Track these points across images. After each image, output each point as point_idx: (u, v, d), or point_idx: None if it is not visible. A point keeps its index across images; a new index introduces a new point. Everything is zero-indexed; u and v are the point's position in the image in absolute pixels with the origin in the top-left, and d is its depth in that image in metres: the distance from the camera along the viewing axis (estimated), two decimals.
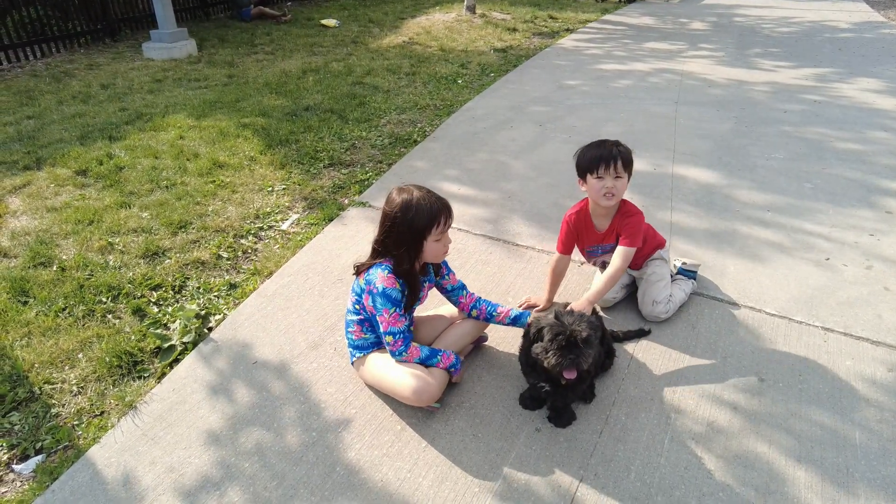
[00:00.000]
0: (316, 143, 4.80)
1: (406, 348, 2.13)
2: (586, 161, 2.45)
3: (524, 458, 2.03)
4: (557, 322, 1.91)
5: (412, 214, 2.05)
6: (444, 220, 2.10)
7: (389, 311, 2.08)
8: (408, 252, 2.09)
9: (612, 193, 2.44)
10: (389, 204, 2.10)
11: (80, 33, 8.36)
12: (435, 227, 2.08)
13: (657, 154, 4.45)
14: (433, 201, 2.08)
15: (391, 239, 2.09)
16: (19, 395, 2.37)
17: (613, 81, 6.53)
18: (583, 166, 2.47)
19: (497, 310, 2.34)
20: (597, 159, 2.42)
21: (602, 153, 2.40)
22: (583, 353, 1.88)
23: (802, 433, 2.12)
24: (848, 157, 4.38)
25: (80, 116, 5.49)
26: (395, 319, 2.09)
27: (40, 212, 3.71)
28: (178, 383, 2.39)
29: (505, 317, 2.34)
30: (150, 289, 3.01)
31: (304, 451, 2.07)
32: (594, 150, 2.42)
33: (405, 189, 2.10)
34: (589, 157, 2.44)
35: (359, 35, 9.26)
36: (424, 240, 2.09)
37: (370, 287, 2.10)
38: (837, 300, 2.81)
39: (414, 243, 2.09)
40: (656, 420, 2.19)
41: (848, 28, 9.68)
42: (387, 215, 2.10)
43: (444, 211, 2.10)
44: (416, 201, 2.05)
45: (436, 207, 2.07)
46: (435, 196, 2.12)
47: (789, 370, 2.40)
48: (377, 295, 2.08)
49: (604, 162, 2.40)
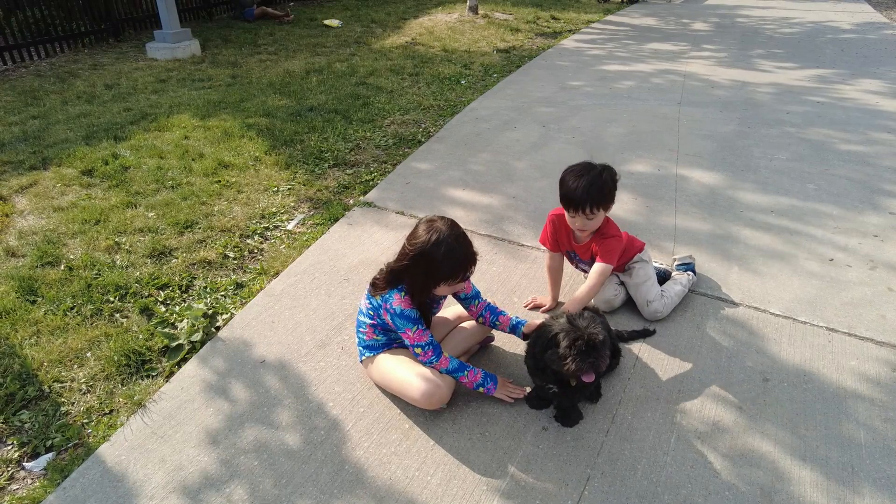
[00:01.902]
0: (320, 143, 4.82)
1: (437, 358, 2.13)
2: (561, 193, 2.42)
3: (532, 457, 2.05)
4: (572, 327, 1.92)
5: (434, 262, 1.98)
6: (465, 274, 2.05)
7: (412, 329, 2.08)
8: (421, 290, 2.09)
9: (583, 230, 2.48)
10: (413, 240, 2.03)
11: (84, 33, 8.38)
12: (453, 279, 2.04)
13: (661, 155, 4.46)
14: (458, 253, 1.99)
15: (408, 274, 2.05)
16: (29, 393, 2.39)
17: (616, 82, 6.55)
18: (560, 197, 2.44)
19: (499, 318, 2.36)
20: (567, 201, 2.40)
21: (573, 196, 2.34)
22: (601, 356, 1.90)
23: (807, 432, 2.14)
24: (851, 158, 4.39)
25: (85, 116, 5.51)
26: (420, 335, 2.09)
27: (47, 211, 3.73)
28: (187, 382, 2.41)
29: (505, 325, 2.35)
30: (157, 288, 3.03)
31: (312, 450, 2.08)
32: (570, 183, 2.36)
33: (433, 227, 2.00)
34: (563, 192, 2.40)
35: (362, 35, 9.27)
36: (439, 284, 2.07)
37: (387, 306, 2.09)
38: (842, 301, 2.82)
39: (428, 286, 2.08)
40: (662, 419, 2.20)
41: (850, 29, 9.69)
42: (407, 253, 2.03)
43: (469, 264, 2.04)
44: (443, 249, 1.96)
45: (460, 260, 2.00)
46: (463, 243, 2.02)
47: (794, 370, 2.42)
48: (395, 316, 2.07)
49: (572, 207, 2.38)
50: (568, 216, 2.49)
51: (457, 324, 2.44)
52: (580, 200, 2.35)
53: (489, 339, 2.54)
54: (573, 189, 2.35)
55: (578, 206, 2.37)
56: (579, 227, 2.49)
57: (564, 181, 2.41)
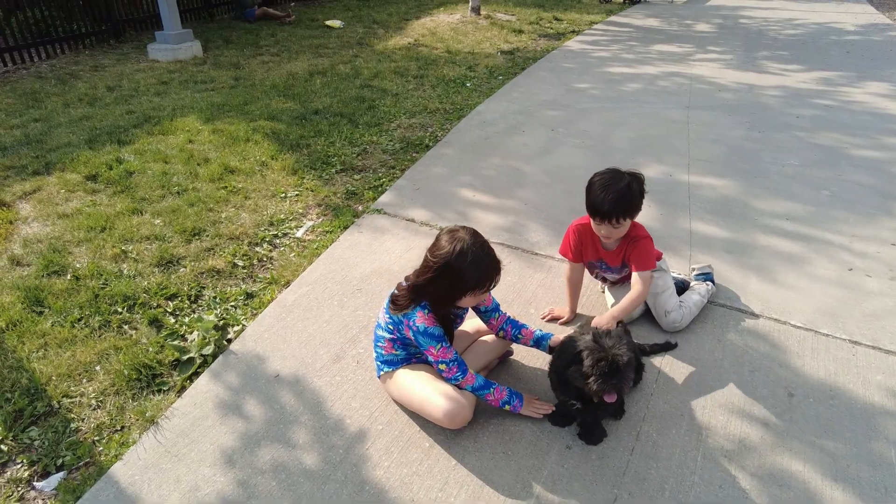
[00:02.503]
0: (327, 147, 4.76)
1: (463, 374, 2.08)
2: (588, 202, 2.39)
3: (556, 477, 2.00)
4: (597, 346, 1.87)
5: (460, 272, 1.94)
6: (491, 283, 2.01)
7: (436, 347, 2.03)
8: (446, 303, 2.05)
9: (608, 238, 2.46)
10: (436, 251, 1.98)
11: (85, 34, 8.30)
12: (479, 289, 2.00)
13: (671, 160, 4.42)
14: (484, 262, 1.95)
15: (432, 287, 2.00)
16: (38, 409, 2.33)
17: (623, 85, 6.50)
18: (586, 205, 2.41)
19: (522, 332, 2.30)
20: (593, 210, 2.37)
21: (600, 206, 2.31)
22: (624, 378, 1.85)
23: (836, 451, 2.10)
24: (863, 163, 4.35)
25: (88, 119, 5.44)
26: (444, 352, 2.05)
27: (51, 218, 3.67)
28: (200, 398, 2.35)
29: (528, 339, 2.30)
30: (165, 298, 2.97)
31: (331, 470, 2.03)
32: (598, 193, 2.32)
33: (456, 237, 1.96)
34: (590, 201, 2.37)
35: (364, 36, 9.21)
36: (465, 295, 2.02)
37: (409, 323, 2.04)
38: (863, 312, 2.78)
39: (453, 298, 2.03)
40: (687, 436, 2.16)
41: (854, 30, 9.67)
42: (431, 265, 1.97)
43: (494, 272, 2.00)
44: (469, 259, 1.92)
45: (486, 269, 1.96)
46: (487, 251, 1.99)
47: (819, 385, 2.38)
48: (419, 334, 2.03)
49: (599, 216, 2.36)
50: (594, 224, 2.46)
51: (476, 337, 2.40)
52: (608, 211, 2.32)
53: (508, 352, 2.49)
54: (601, 199, 2.31)
55: (605, 216, 2.34)
56: (605, 235, 2.47)
57: (592, 190, 2.37)
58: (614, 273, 2.68)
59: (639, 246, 2.48)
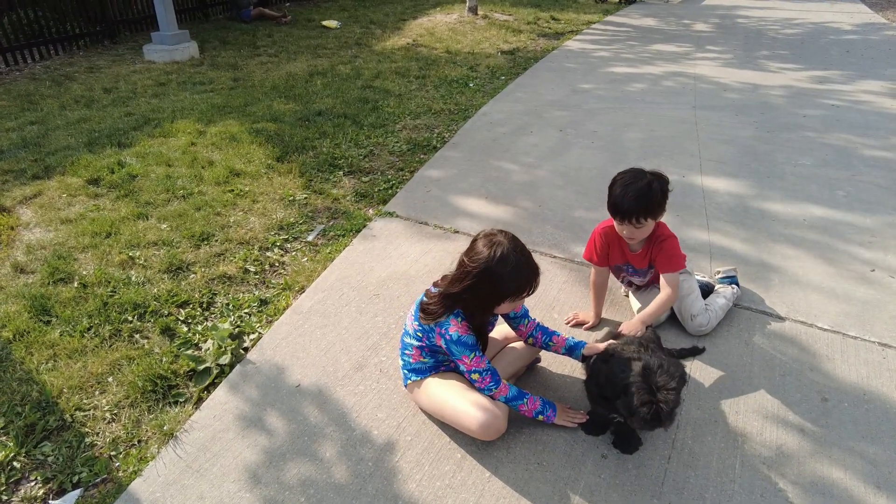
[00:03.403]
0: (333, 149, 4.68)
1: (496, 385, 2.01)
2: (609, 201, 2.35)
3: (594, 488, 1.94)
4: (645, 385, 1.78)
5: (500, 277, 1.88)
6: (530, 289, 1.95)
7: (469, 356, 1.97)
8: (484, 310, 1.98)
9: (631, 238, 2.42)
10: (474, 256, 1.90)
11: (79, 35, 8.16)
12: (518, 295, 1.94)
13: (683, 161, 4.38)
14: (524, 267, 1.90)
15: (469, 294, 1.92)
16: (50, 423, 2.24)
17: (627, 85, 6.46)
18: (607, 204, 2.37)
19: (553, 339, 2.23)
20: (614, 209, 2.34)
21: (620, 205, 2.28)
22: (670, 419, 1.78)
23: (877, 457, 2.05)
24: (877, 163, 4.33)
25: (86, 122, 5.33)
26: (477, 362, 1.98)
27: (54, 224, 3.57)
28: (219, 409, 2.28)
29: (560, 347, 2.22)
30: (176, 306, 2.89)
31: (361, 484, 1.96)
32: (618, 192, 2.29)
33: (494, 241, 1.90)
34: (611, 201, 2.34)
35: (361, 37, 9.13)
36: (503, 302, 1.96)
37: (441, 331, 1.97)
38: (890, 314, 2.74)
39: (493, 305, 1.97)
40: (723, 444, 2.11)
41: (851, 30, 9.70)
42: (469, 271, 1.89)
43: (535, 277, 1.94)
44: (511, 264, 1.87)
45: (526, 274, 1.91)
46: (527, 255, 1.94)
47: (852, 389, 2.33)
48: (452, 343, 1.96)
49: (619, 216, 2.32)
50: (616, 224, 2.41)
51: (505, 344, 2.33)
52: (627, 211, 2.28)
53: (536, 359, 2.43)
54: (620, 198, 2.28)
55: (625, 216, 2.30)
56: (628, 237, 2.43)
57: (613, 189, 2.33)
58: (641, 276, 2.63)
59: (665, 247, 2.43)
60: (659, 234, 2.46)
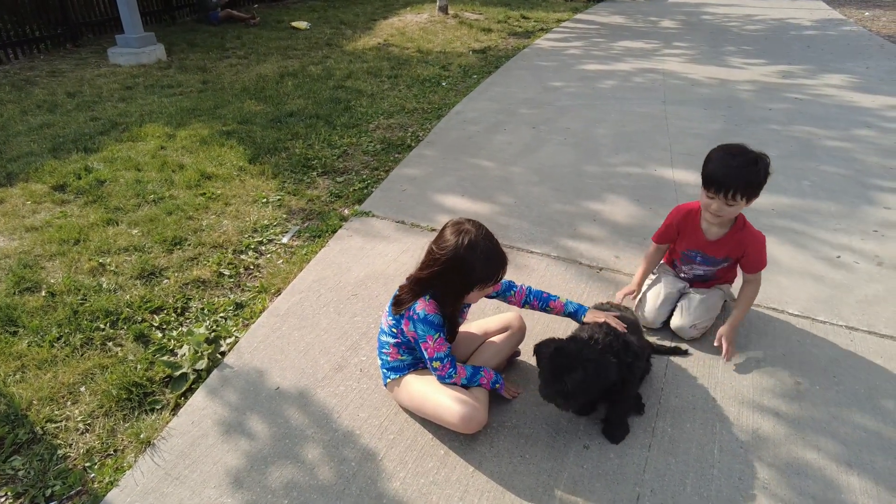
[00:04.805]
0: (306, 150, 4.64)
1: (454, 371, 2.04)
2: (705, 172, 2.23)
3: (577, 478, 1.96)
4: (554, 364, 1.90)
5: (468, 265, 1.88)
6: (500, 276, 1.95)
7: (434, 336, 1.97)
8: (454, 298, 1.98)
9: (717, 216, 2.30)
10: (442, 244, 1.92)
11: (39, 38, 7.93)
12: (487, 282, 1.94)
13: (654, 155, 4.45)
14: (493, 253, 1.90)
15: (439, 281, 1.94)
16: (20, 436, 2.17)
17: (598, 82, 6.54)
18: (703, 174, 2.25)
19: (550, 304, 2.21)
20: (711, 179, 2.20)
21: (721, 174, 2.14)
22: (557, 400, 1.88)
23: (848, 437, 2.11)
24: (839, 154, 4.46)
25: (49, 127, 5.18)
26: (440, 344, 1.99)
27: (18, 232, 3.46)
28: (197, 415, 2.23)
29: (559, 310, 2.21)
30: (150, 312, 2.83)
31: (345, 484, 1.94)
32: (720, 160, 2.16)
33: (463, 229, 1.91)
34: (710, 170, 2.20)
35: (332, 37, 9.07)
36: (472, 290, 1.96)
37: (410, 313, 1.98)
38: (856, 298, 2.83)
39: (462, 293, 1.97)
40: (702, 430, 2.15)
41: (811, 26, 9.98)
42: (438, 258, 1.91)
43: (504, 263, 1.94)
44: (479, 250, 1.87)
45: (495, 261, 1.91)
46: (495, 242, 1.94)
47: (823, 372, 2.40)
48: (419, 321, 1.96)
49: (715, 185, 2.19)
50: (705, 197, 2.25)
51: (484, 339, 2.33)
52: (725, 183, 2.13)
53: (516, 353, 2.44)
54: (724, 167, 2.14)
55: (723, 187, 2.15)
56: (714, 212, 2.26)
57: (713, 159, 2.19)
58: (709, 266, 2.53)
59: (758, 243, 2.38)
60: (748, 229, 2.39)
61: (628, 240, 3.33)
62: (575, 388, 1.87)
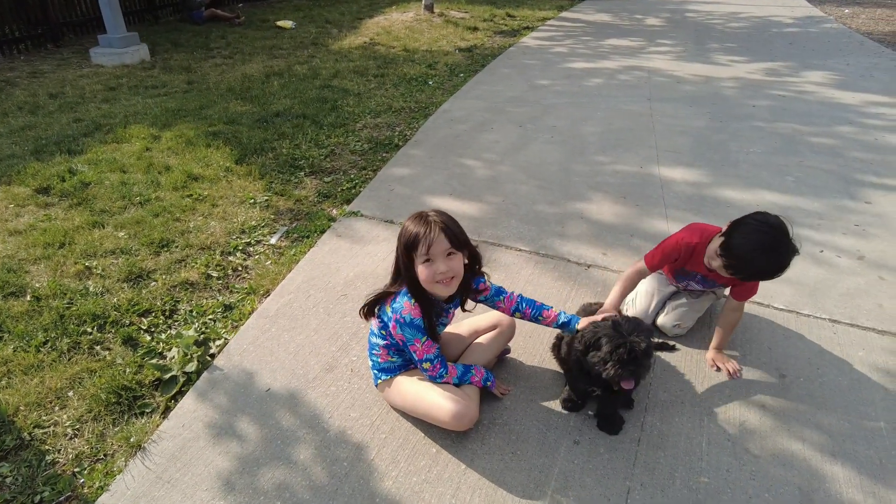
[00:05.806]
0: (293, 150, 4.62)
1: (445, 370, 2.05)
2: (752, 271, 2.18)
3: (568, 474, 1.98)
4: (616, 333, 1.87)
5: (401, 232, 1.97)
6: (423, 242, 1.88)
7: (421, 340, 1.98)
8: (408, 275, 1.97)
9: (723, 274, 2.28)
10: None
11: (19, 39, 7.81)
12: (414, 250, 1.91)
13: (641, 152, 4.48)
14: (419, 221, 1.93)
15: (401, 264, 2.01)
16: (7, 442, 2.15)
17: (584, 80, 6.58)
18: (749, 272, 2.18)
19: (543, 313, 2.20)
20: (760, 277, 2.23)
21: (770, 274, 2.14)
22: (642, 365, 1.85)
23: (832, 428, 2.15)
24: (821, 150, 4.53)
25: (31, 129, 5.12)
26: (428, 347, 2.00)
27: (2, 235, 3.41)
28: (187, 418, 2.22)
29: (551, 321, 2.20)
30: (138, 315, 2.81)
31: (338, 484, 1.95)
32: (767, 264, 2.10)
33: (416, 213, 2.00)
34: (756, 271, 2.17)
35: (318, 36, 9.03)
36: (413, 262, 1.94)
37: (397, 316, 1.98)
38: (839, 292, 2.88)
39: (410, 268, 1.96)
40: (690, 424, 2.18)
41: (793, 23, 10.10)
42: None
43: (424, 232, 1.89)
44: (407, 219, 1.98)
45: (416, 228, 1.91)
46: (424, 215, 1.95)
47: (807, 364, 2.44)
48: (405, 325, 1.97)
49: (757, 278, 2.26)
50: (720, 260, 2.18)
51: (472, 339, 2.35)
52: (773, 276, 2.15)
53: (506, 351, 2.46)
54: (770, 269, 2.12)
55: (764, 278, 2.24)
56: (723, 275, 2.27)
57: (755, 261, 2.11)
58: (707, 287, 2.56)
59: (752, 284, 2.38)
60: None
61: (616, 237, 3.36)
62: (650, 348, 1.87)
